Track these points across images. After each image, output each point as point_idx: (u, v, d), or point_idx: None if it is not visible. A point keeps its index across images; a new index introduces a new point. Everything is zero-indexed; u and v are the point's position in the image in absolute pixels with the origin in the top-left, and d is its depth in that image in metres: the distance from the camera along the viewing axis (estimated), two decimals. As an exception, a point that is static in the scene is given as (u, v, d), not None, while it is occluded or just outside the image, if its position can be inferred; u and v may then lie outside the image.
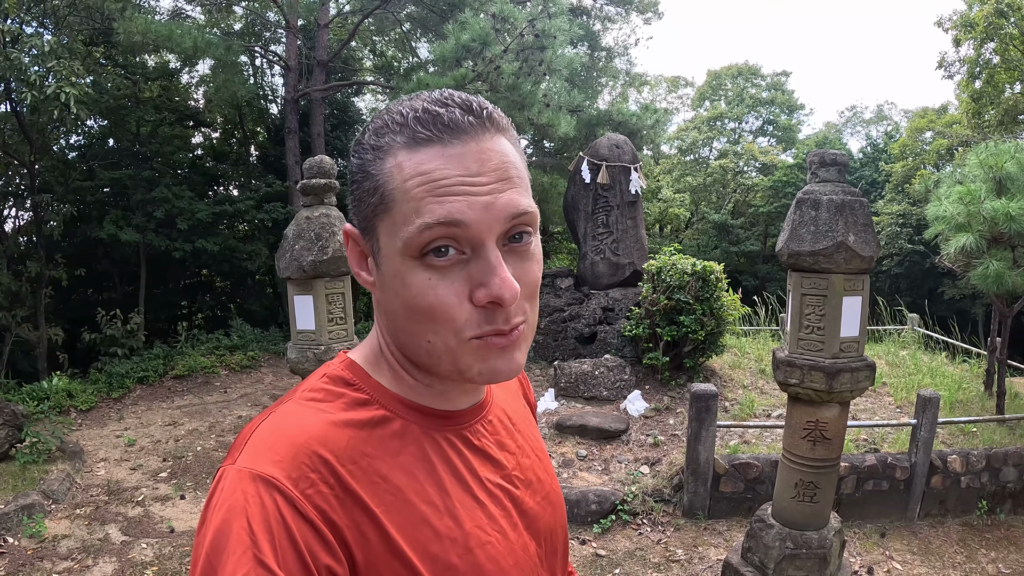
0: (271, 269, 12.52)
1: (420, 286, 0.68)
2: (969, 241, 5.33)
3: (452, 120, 0.67)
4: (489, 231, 0.67)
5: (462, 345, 0.70)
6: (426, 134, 0.67)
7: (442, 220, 0.65)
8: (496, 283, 0.66)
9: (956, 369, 7.40)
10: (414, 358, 0.75)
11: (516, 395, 1.01)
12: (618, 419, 5.75)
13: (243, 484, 0.64)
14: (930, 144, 20.52)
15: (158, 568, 4.26)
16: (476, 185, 0.66)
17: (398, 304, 0.71)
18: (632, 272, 7.45)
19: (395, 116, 0.69)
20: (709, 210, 23.69)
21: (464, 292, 0.68)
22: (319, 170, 3.66)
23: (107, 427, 7.03)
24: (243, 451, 0.69)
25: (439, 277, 0.68)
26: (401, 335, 0.74)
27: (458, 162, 0.66)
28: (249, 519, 0.62)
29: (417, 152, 0.67)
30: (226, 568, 0.60)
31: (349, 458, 0.69)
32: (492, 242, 0.67)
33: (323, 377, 0.78)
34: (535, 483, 0.89)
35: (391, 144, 0.68)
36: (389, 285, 0.71)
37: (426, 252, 0.67)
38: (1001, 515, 4.93)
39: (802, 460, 3.31)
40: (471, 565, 0.74)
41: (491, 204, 0.67)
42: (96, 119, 10.64)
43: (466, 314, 0.68)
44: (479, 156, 0.67)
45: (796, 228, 3.10)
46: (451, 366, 0.72)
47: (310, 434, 0.69)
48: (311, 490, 0.66)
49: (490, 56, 7.91)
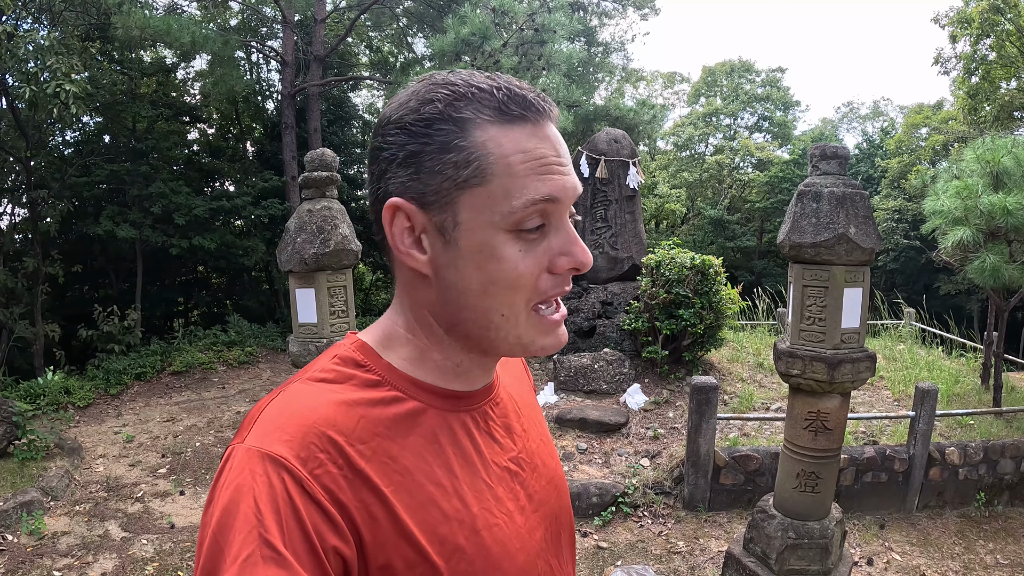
0: (268, 265, 12.51)
1: (512, 258, 0.71)
2: (966, 235, 5.35)
3: (536, 103, 0.72)
4: (568, 206, 0.74)
5: (529, 317, 0.74)
6: (518, 112, 0.70)
7: (546, 197, 0.70)
8: (579, 251, 0.73)
9: (953, 363, 7.43)
10: (476, 332, 0.75)
11: (521, 379, 1.01)
12: (618, 412, 5.76)
13: (251, 463, 0.64)
14: (926, 140, 20.57)
15: (159, 564, 4.26)
16: (563, 164, 0.72)
17: (476, 278, 0.71)
18: (631, 266, 7.46)
19: (473, 90, 0.70)
20: (705, 206, 23.73)
21: (543, 263, 0.72)
22: (321, 163, 3.65)
23: (105, 423, 7.02)
24: (252, 430, 0.68)
25: (528, 250, 0.71)
26: (465, 311, 0.74)
27: (549, 143, 0.72)
28: (256, 498, 0.62)
29: (511, 129, 0.70)
30: (232, 547, 0.60)
31: (358, 438, 0.69)
32: (567, 216, 0.74)
33: (334, 358, 0.77)
34: (540, 467, 0.89)
35: (477, 117, 0.69)
36: (469, 259, 0.71)
37: (520, 227, 0.70)
38: (998, 507, 4.97)
39: (804, 450, 3.33)
40: (478, 547, 0.73)
41: (572, 183, 0.73)
42: (92, 115, 10.59)
43: (540, 283, 0.73)
44: (556, 138, 0.73)
45: (797, 220, 3.11)
46: (516, 339, 0.75)
47: (320, 414, 0.69)
48: (320, 470, 0.65)
49: (489, 50, 7.90)
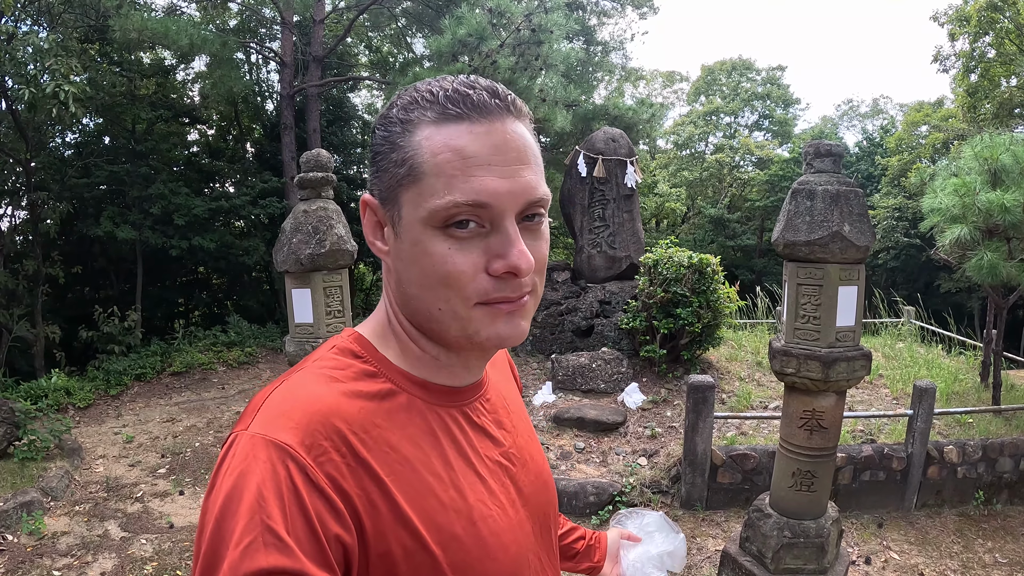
0: (267, 265, 12.51)
1: (439, 255, 0.70)
2: (964, 233, 5.35)
3: (480, 101, 0.71)
4: (510, 209, 0.71)
5: (470, 311, 0.73)
6: (456, 111, 0.70)
7: (471, 200, 0.68)
8: (514, 254, 0.70)
9: (952, 361, 7.43)
10: (424, 325, 0.77)
11: (508, 377, 1.03)
12: (615, 411, 5.77)
13: (255, 450, 0.65)
14: (926, 138, 20.53)
15: (158, 564, 4.27)
16: (501, 164, 0.70)
17: (414, 272, 0.73)
18: (629, 265, 7.47)
19: (424, 93, 0.72)
20: (705, 204, 23.72)
21: (480, 263, 0.71)
22: (316, 163, 3.66)
23: (105, 424, 7.03)
24: (256, 417, 0.69)
25: (458, 248, 0.70)
26: (412, 302, 0.76)
27: (485, 140, 0.70)
28: (260, 485, 0.62)
29: (446, 127, 0.70)
30: (235, 533, 0.60)
31: (361, 427, 0.70)
32: (511, 218, 0.71)
33: (332, 348, 0.79)
34: (529, 462, 0.90)
35: (420, 119, 0.71)
36: (407, 253, 0.73)
37: (448, 224, 0.70)
38: (997, 505, 4.96)
39: (799, 449, 3.33)
40: (474, 537, 0.75)
41: (513, 184, 0.70)
42: (92, 116, 10.60)
43: (478, 283, 0.71)
44: (503, 137, 0.71)
45: (792, 218, 3.11)
46: (459, 332, 0.74)
47: (323, 403, 0.70)
48: (323, 458, 0.66)
49: (486, 51, 7.90)
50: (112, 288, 12.13)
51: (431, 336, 0.78)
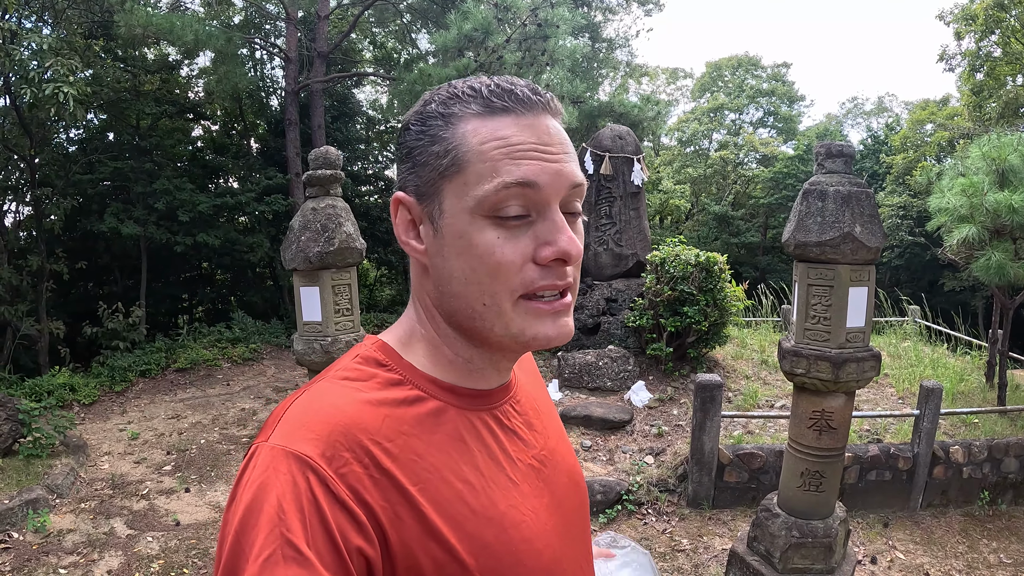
0: (272, 261, 12.52)
1: (488, 244, 0.70)
2: (971, 233, 5.34)
3: (524, 95, 0.72)
4: (556, 195, 0.71)
5: (515, 307, 0.72)
6: (501, 104, 0.72)
7: (520, 180, 0.69)
8: (564, 240, 0.70)
9: (957, 361, 7.41)
10: (464, 324, 0.76)
11: (536, 378, 1.01)
12: (622, 409, 5.76)
13: (276, 461, 0.64)
14: (931, 136, 20.46)
15: (164, 561, 4.27)
16: (547, 152, 0.71)
17: (457, 266, 0.72)
18: (635, 263, 7.45)
19: (465, 89, 0.73)
20: (709, 201, 23.66)
21: (528, 252, 0.71)
22: (325, 160, 3.65)
23: (110, 421, 7.04)
24: (276, 428, 0.68)
25: (507, 237, 0.70)
26: (453, 301, 0.75)
27: (531, 131, 0.71)
28: (280, 498, 0.61)
29: (492, 120, 0.71)
30: (254, 546, 0.60)
31: (385, 437, 0.69)
32: (556, 205, 0.72)
33: (356, 358, 0.78)
34: (560, 463, 0.89)
35: (463, 112, 0.72)
36: (450, 247, 0.72)
37: (497, 212, 0.70)
38: (1003, 505, 4.95)
39: (808, 449, 3.32)
40: (505, 544, 0.73)
41: (559, 170, 0.71)
42: (96, 112, 10.59)
43: (524, 274, 0.71)
44: (547, 128, 0.73)
45: (803, 219, 3.10)
46: (503, 331, 0.74)
47: (345, 413, 0.69)
48: (345, 469, 0.65)
49: (492, 46, 7.88)
50: (116, 284, 12.14)
51: (471, 336, 0.77)
